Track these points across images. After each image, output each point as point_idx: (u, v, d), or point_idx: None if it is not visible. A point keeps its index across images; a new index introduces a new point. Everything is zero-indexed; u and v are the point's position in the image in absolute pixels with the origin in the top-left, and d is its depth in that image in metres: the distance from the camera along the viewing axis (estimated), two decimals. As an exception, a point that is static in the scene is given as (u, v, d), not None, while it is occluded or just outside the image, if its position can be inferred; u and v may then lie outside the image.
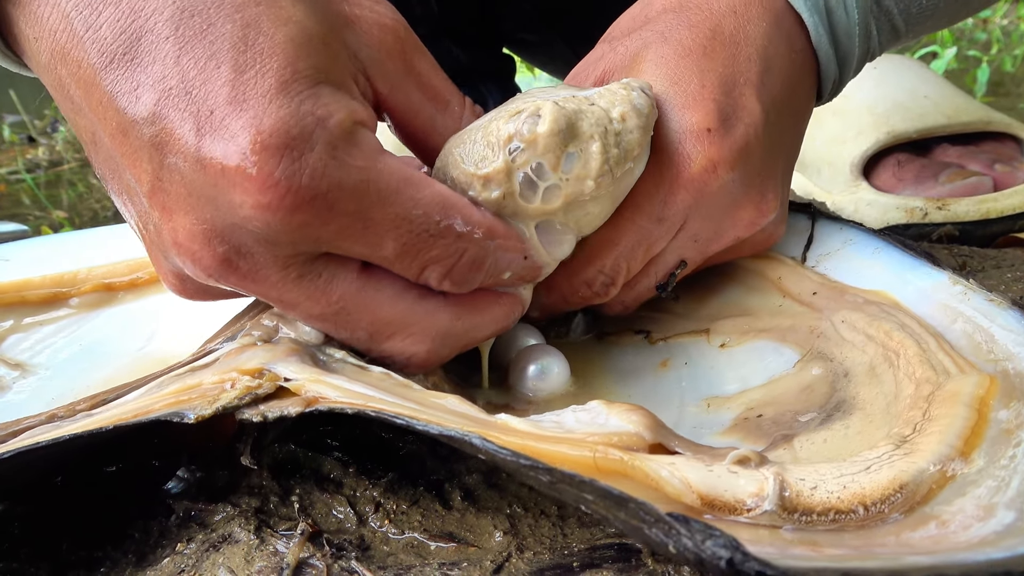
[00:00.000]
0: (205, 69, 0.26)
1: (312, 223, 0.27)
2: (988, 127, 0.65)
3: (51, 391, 0.37)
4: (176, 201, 0.27)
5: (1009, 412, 0.26)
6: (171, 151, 0.27)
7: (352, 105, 0.28)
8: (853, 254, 0.37)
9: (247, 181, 0.26)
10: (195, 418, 0.27)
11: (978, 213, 0.58)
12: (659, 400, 0.36)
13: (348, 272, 0.30)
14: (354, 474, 0.32)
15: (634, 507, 0.21)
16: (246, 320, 0.35)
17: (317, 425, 0.36)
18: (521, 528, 0.30)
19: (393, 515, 0.30)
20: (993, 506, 0.23)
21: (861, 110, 0.67)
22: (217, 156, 0.26)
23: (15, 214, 1.30)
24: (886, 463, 0.25)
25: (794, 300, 0.37)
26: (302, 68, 0.27)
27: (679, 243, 0.37)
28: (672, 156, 0.34)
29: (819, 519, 0.24)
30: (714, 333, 0.38)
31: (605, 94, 0.32)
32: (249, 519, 0.30)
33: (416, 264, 0.30)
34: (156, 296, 0.45)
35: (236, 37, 0.27)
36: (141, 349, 0.41)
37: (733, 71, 0.35)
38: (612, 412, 0.28)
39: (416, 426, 0.26)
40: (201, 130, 0.26)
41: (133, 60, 0.27)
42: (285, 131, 0.26)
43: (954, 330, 0.31)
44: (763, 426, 0.32)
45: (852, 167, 0.65)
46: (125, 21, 0.27)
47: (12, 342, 0.40)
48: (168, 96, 0.26)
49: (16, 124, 2.01)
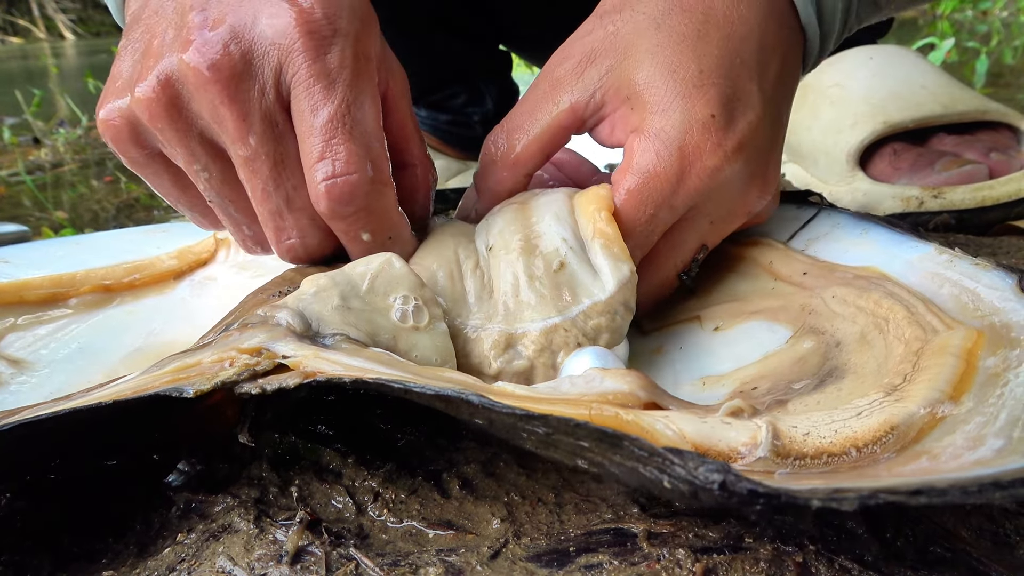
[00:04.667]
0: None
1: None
2: (984, 116, 0.65)
3: (49, 387, 0.38)
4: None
5: (996, 359, 0.27)
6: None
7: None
8: (842, 235, 0.38)
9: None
10: (194, 392, 0.27)
11: (974, 201, 0.58)
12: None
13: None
14: (353, 464, 0.33)
15: (628, 444, 0.22)
16: (237, 314, 0.36)
17: (316, 415, 0.36)
18: (518, 515, 0.30)
19: (392, 504, 0.31)
20: (982, 437, 0.23)
21: (858, 100, 0.67)
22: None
23: (16, 215, 1.31)
24: (877, 408, 0.25)
25: (785, 282, 0.37)
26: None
27: (697, 228, 0.37)
28: (682, 148, 0.34)
29: (812, 463, 0.24)
30: (706, 319, 0.38)
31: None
32: (249, 509, 0.30)
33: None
34: (154, 298, 0.45)
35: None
36: (138, 349, 0.41)
37: (730, 53, 0.35)
38: (607, 376, 0.29)
39: (413, 387, 0.26)
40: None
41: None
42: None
43: (941, 294, 0.32)
44: (757, 396, 0.32)
45: (848, 157, 0.65)
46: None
47: (11, 340, 0.40)
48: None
49: (16, 126, 2.01)
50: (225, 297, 0.46)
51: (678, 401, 0.28)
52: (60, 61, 4.94)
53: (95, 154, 1.75)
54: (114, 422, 0.30)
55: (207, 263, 0.48)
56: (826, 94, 0.70)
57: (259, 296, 0.37)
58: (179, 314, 0.45)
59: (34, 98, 2.23)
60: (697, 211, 0.37)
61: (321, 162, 0.34)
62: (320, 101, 0.34)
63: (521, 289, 0.35)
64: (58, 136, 1.88)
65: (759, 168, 0.36)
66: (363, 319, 0.33)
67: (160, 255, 0.47)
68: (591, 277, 0.35)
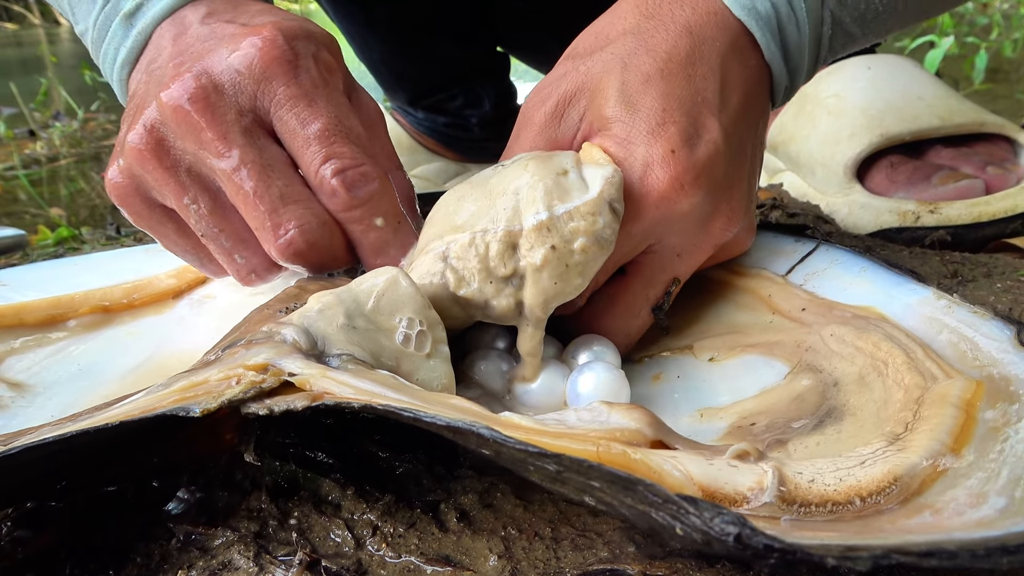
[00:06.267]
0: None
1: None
2: (981, 129, 0.65)
3: (50, 409, 0.38)
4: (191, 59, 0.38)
5: (996, 412, 0.27)
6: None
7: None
8: (840, 273, 0.38)
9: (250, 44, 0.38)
10: (201, 411, 0.27)
11: (970, 216, 0.59)
12: (653, 411, 0.36)
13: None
14: (352, 496, 0.33)
15: (642, 489, 0.22)
16: (241, 331, 0.36)
17: (315, 438, 0.36)
18: (515, 551, 0.30)
19: (390, 538, 0.31)
20: (985, 494, 0.23)
21: (855, 111, 0.67)
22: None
23: (12, 211, 1.30)
24: (880, 458, 0.26)
25: (784, 316, 0.38)
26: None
27: (665, 261, 0.38)
28: (641, 180, 0.36)
29: (817, 510, 0.24)
30: (702, 348, 0.38)
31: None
32: (248, 545, 0.30)
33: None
34: (153, 318, 0.45)
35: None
36: (139, 368, 0.41)
37: (692, 91, 0.37)
38: (614, 411, 0.29)
39: (423, 417, 0.26)
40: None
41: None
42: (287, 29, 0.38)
43: (940, 340, 0.32)
44: (756, 433, 0.32)
45: (846, 169, 0.66)
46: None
47: (11, 363, 0.41)
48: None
49: (11, 118, 2.00)
50: (225, 315, 0.46)
51: (683, 440, 0.28)
52: (56, 48, 4.90)
53: (92, 148, 1.74)
54: (120, 443, 0.30)
55: (205, 281, 0.48)
56: (824, 104, 0.70)
57: (263, 312, 0.37)
58: (179, 333, 0.45)
59: (41, 87, 2.21)
60: (661, 244, 0.38)
61: (328, 162, 0.37)
62: (308, 117, 0.38)
63: (523, 189, 0.35)
64: (54, 129, 1.87)
65: (722, 200, 0.38)
66: (367, 339, 0.33)
67: (158, 274, 0.47)
68: (583, 186, 0.36)
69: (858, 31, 0.42)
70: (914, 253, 0.58)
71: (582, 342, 0.38)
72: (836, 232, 0.64)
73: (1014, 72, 1.85)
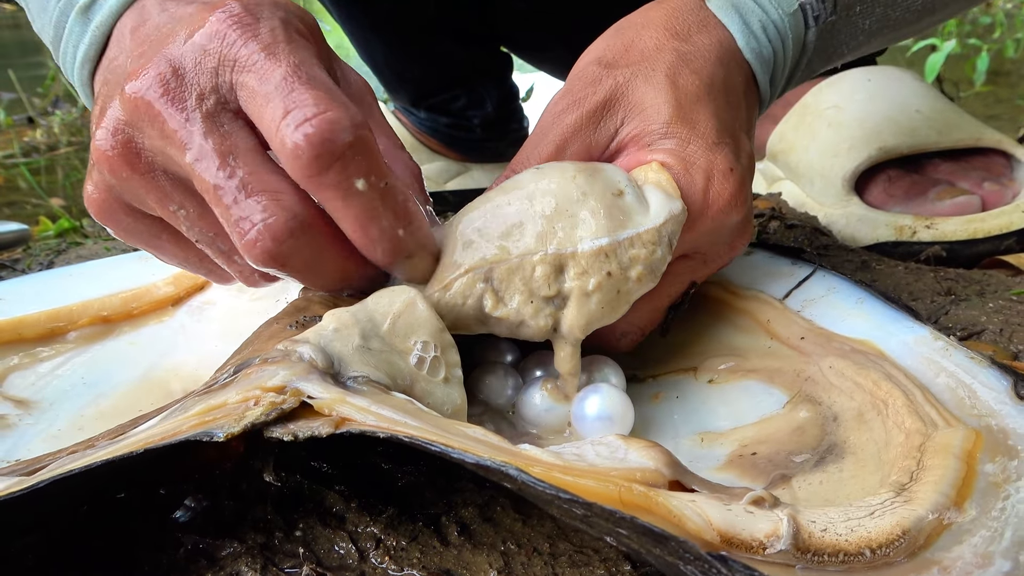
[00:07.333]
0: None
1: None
2: (979, 143, 0.66)
3: (58, 425, 0.38)
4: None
5: (995, 466, 0.28)
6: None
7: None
8: (837, 302, 0.39)
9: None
10: (224, 436, 0.28)
11: (965, 233, 0.59)
12: (653, 432, 0.37)
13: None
14: (356, 509, 0.34)
15: (674, 545, 0.23)
16: (253, 349, 0.36)
17: (319, 449, 0.37)
18: (515, 567, 0.31)
19: (393, 551, 0.32)
20: (990, 555, 0.24)
21: (854, 123, 0.68)
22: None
23: (12, 201, 1.30)
24: (888, 509, 0.26)
25: (782, 343, 0.38)
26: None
27: (695, 265, 0.40)
28: (704, 193, 0.38)
29: (829, 560, 0.25)
30: (701, 370, 0.39)
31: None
32: (255, 557, 0.31)
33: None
34: (153, 326, 0.45)
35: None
36: (143, 378, 0.41)
37: (731, 115, 0.39)
38: (631, 448, 0.29)
39: (452, 454, 0.26)
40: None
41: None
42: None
43: (938, 383, 0.33)
44: (758, 464, 0.33)
45: (844, 182, 0.66)
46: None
47: (13, 380, 0.40)
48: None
49: (10, 104, 1.99)
50: (225, 321, 0.46)
51: (699, 479, 0.28)
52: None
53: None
54: (140, 467, 0.31)
55: (204, 287, 0.48)
56: (823, 116, 0.71)
57: (273, 327, 0.37)
58: (180, 341, 0.45)
59: (41, 71, 2.19)
60: (697, 250, 0.40)
61: (288, 116, 0.31)
62: (267, 69, 0.32)
63: (574, 206, 0.34)
64: (54, 117, 1.86)
65: (749, 216, 0.40)
66: (383, 360, 0.33)
67: (156, 282, 0.47)
68: (644, 209, 0.36)
69: (845, 52, 0.46)
70: (909, 268, 0.58)
71: (587, 363, 0.39)
72: (833, 245, 0.65)
73: (1015, 73, 1.85)
